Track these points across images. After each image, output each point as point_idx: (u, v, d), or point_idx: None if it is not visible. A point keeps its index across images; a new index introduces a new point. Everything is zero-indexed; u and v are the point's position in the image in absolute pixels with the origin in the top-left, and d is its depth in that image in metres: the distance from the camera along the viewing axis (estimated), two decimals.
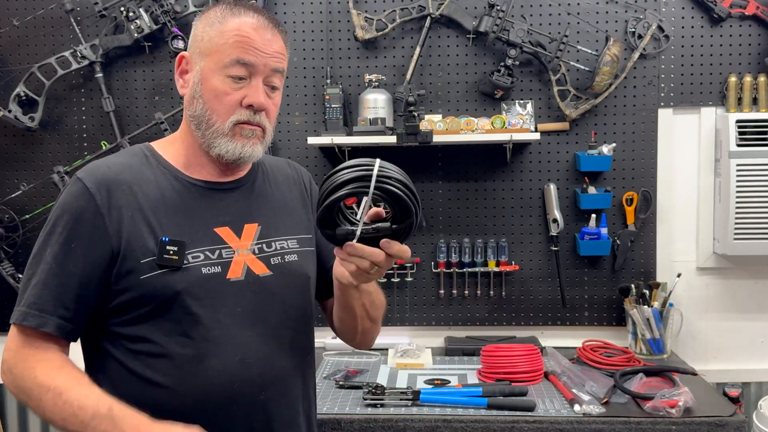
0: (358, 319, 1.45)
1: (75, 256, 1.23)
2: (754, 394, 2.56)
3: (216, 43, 1.30)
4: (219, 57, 1.29)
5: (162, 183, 1.31)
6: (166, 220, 1.27)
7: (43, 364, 1.21)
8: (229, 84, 1.29)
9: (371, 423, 1.85)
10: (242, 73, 1.29)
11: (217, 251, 1.30)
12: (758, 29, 2.48)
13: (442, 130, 2.40)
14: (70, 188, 1.28)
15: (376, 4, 2.54)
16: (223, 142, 1.30)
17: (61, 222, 1.25)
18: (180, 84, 1.35)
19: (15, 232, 2.56)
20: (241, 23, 1.30)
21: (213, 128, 1.30)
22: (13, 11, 2.56)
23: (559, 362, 2.17)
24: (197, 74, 1.31)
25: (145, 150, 1.36)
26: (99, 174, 1.27)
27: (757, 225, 2.38)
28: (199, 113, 1.31)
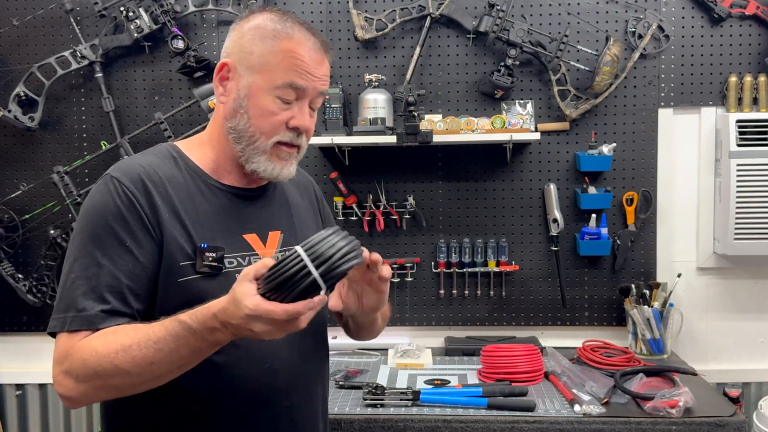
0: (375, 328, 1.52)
1: (131, 253, 1.19)
2: (754, 394, 2.56)
3: (268, 61, 1.27)
4: (271, 77, 1.27)
5: (191, 187, 1.29)
6: (199, 224, 1.26)
7: (96, 340, 1.14)
8: (278, 105, 1.28)
9: (371, 423, 1.85)
10: (292, 97, 1.28)
11: (247, 258, 1.31)
12: (758, 29, 2.48)
13: (442, 130, 2.39)
14: (106, 187, 1.23)
15: (376, 4, 2.54)
16: (262, 161, 1.30)
17: (106, 222, 1.20)
18: (220, 92, 1.31)
19: (15, 232, 2.56)
20: (296, 45, 1.28)
21: (254, 145, 1.29)
22: (13, 11, 2.56)
23: (559, 362, 2.17)
24: (244, 89, 1.28)
25: (172, 151, 1.33)
26: (135, 173, 1.24)
27: (757, 225, 2.38)
28: (242, 128, 1.29)
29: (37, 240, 2.60)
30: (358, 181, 2.58)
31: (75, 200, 2.50)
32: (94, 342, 1.14)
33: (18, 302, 2.56)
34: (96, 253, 1.18)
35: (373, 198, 2.56)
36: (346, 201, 2.54)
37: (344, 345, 2.37)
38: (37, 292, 2.54)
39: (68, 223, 2.52)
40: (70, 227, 2.50)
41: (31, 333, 2.65)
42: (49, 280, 2.54)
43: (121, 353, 1.11)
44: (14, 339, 2.66)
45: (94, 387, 1.14)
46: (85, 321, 1.15)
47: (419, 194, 2.58)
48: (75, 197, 2.49)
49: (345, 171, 2.54)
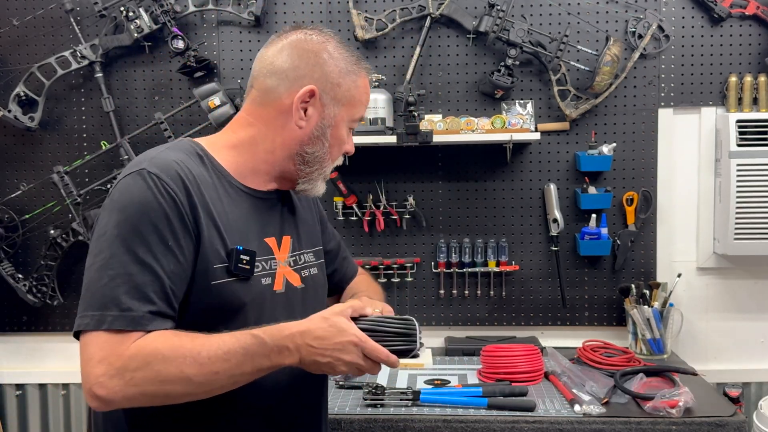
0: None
1: (172, 252, 1.16)
2: (754, 394, 2.56)
3: (353, 96, 1.35)
4: (353, 111, 1.36)
5: (219, 188, 1.28)
6: (230, 226, 1.25)
7: (160, 343, 1.11)
8: (347, 135, 1.39)
9: (371, 423, 1.85)
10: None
11: (268, 262, 1.32)
12: (758, 29, 2.48)
13: (442, 130, 2.39)
14: (144, 183, 1.18)
15: (376, 4, 2.54)
16: (318, 184, 1.38)
17: (147, 220, 1.15)
18: (299, 116, 1.31)
19: (15, 232, 2.56)
20: (366, 81, 1.39)
21: (323, 170, 1.37)
22: (13, 11, 2.56)
23: (559, 362, 2.17)
24: (330, 119, 1.34)
25: (198, 149, 1.31)
26: (173, 171, 1.20)
27: (757, 225, 2.38)
28: (319, 154, 1.34)
29: (37, 240, 2.60)
30: (358, 181, 2.58)
31: (75, 200, 2.50)
32: (159, 344, 1.10)
33: (18, 302, 2.56)
34: (139, 250, 1.14)
35: (373, 198, 2.56)
36: (346, 201, 2.54)
37: None
38: (37, 292, 2.54)
39: (68, 223, 2.52)
40: (70, 227, 2.50)
41: (31, 333, 2.65)
42: (49, 280, 2.54)
43: (190, 359, 1.10)
44: (14, 339, 2.66)
45: (146, 392, 1.11)
46: (132, 322, 1.11)
47: (419, 194, 2.58)
48: (75, 197, 2.49)
49: (345, 171, 2.54)
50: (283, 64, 1.31)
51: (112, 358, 1.09)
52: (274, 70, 1.31)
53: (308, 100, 1.31)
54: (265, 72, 1.33)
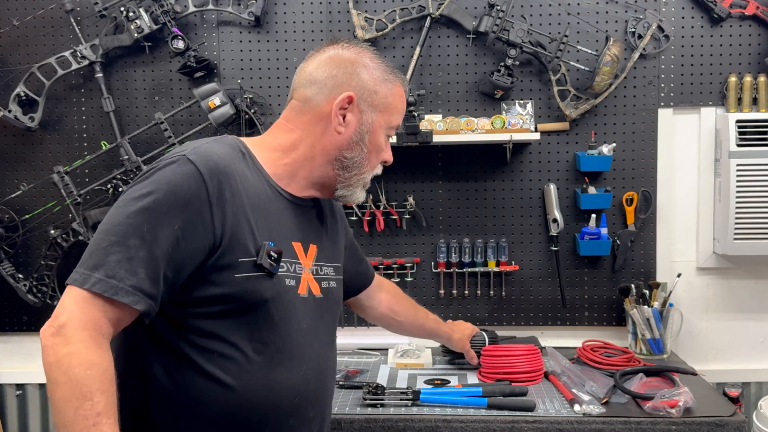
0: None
1: (177, 239, 1.17)
2: (754, 394, 2.56)
3: (390, 103, 1.41)
4: (389, 118, 1.41)
5: (258, 185, 1.31)
6: (262, 223, 1.28)
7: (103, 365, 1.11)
8: (385, 142, 1.43)
9: (371, 423, 1.85)
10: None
11: (294, 265, 1.34)
12: (758, 29, 2.48)
13: (442, 130, 2.40)
14: (180, 167, 1.21)
15: (376, 4, 2.54)
16: (357, 191, 1.43)
17: (166, 200, 1.18)
18: (338, 121, 1.37)
19: (15, 232, 2.56)
20: (402, 89, 1.44)
21: (362, 176, 1.41)
22: (13, 11, 2.56)
23: (559, 362, 2.17)
24: (368, 125, 1.39)
25: (241, 146, 1.34)
26: (212, 162, 1.23)
27: (757, 225, 2.38)
28: (357, 160, 1.39)
29: (37, 240, 2.60)
30: None
31: (75, 200, 2.50)
32: (98, 365, 1.10)
33: (18, 302, 2.56)
34: (144, 226, 1.16)
35: (373, 198, 2.56)
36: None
37: (344, 345, 2.36)
38: (37, 292, 2.54)
39: (68, 223, 2.52)
40: (70, 227, 2.50)
41: (31, 333, 2.65)
42: (49, 280, 2.54)
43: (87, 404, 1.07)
44: (14, 339, 2.66)
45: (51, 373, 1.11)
46: (111, 289, 1.13)
47: (419, 194, 2.58)
48: (75, 197, 2.49)
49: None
50: (322, 74, 1.38)
51: (74, 320, 1.12)
52: (313, 80, 1.38)
53: (347, 107, 1.37)
54: (304, 83, 1.39)
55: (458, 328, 2.18)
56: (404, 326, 2.01)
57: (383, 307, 1.93)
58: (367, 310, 1.93)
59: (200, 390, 1.23)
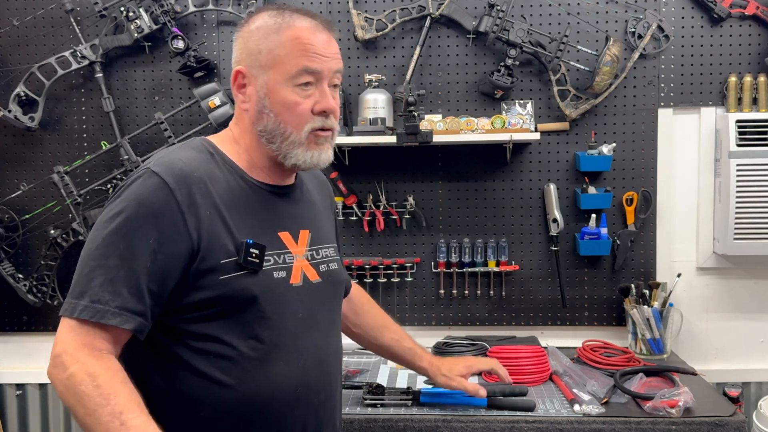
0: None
1: (154, 252, 1.18)
2: (754, 394, 2.56)
3: (278, 54, 1.29)
4: (284, 68, 1.29)
5: (231, 183, 1.30)
6: (240, 221, 1.27)
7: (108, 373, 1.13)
8: (299, 93, 1.29)
9: (371, 423, 1.85)
10: (310, 80, 1.29)
11: (282, 256, 1.32)
12: (758, 29, 2.48)
13: (442, 130, 2.40)
14: (145, 181, 1.21)
15: (376, 4, 2.54)
16: (300, 152, 1.31)
17: (137, 216, 1.19)
18: (240, 99, 1.34)
19: (15, 232, 2.56)
20: (299, 30, 1.30)
21: (289, 140, 1.30)
22: (13, 11, 2.56)
23: (561, 362, 2.17)
24: (263, 88, 1.30)
25: (208, 146, 1.34)
26: (176, 169, 1.23)
27: (757, 225, 2.38)
28: (271, 127, 1.31)
29: (37, 240, 2.60)
30: (358, 181, 2.58)
31: (75, 200, 2.50)
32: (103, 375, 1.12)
33: (18, 302, 2.56)
34: (120, 245, 1.17)
35: (373, 198, 2.56)
36: (346, 201, 2.54)
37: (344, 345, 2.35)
38: (37, 292, 2.54)
39: (68, 223, 2.52)
40: (70, 227, 2.50)
41: (31, 333, 2.65)
42: (49, 280, 2.54)
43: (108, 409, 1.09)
44: (14, 339, 2.66)
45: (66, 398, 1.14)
46: (97, 313, 1.14)
47: (419, 194, 2.58)
48: (75, 197, 2.49)
49: (345, 171, 2.54)
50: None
51: (68, 347, 1.14)
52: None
53: (243, 82, 1.33)
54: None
55: (449, 362, 1.82)
56: (363, 340, 1.82)
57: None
58: None
59: (200, 392, 1.24)
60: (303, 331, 1.32)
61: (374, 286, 2.58)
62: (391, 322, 1.82)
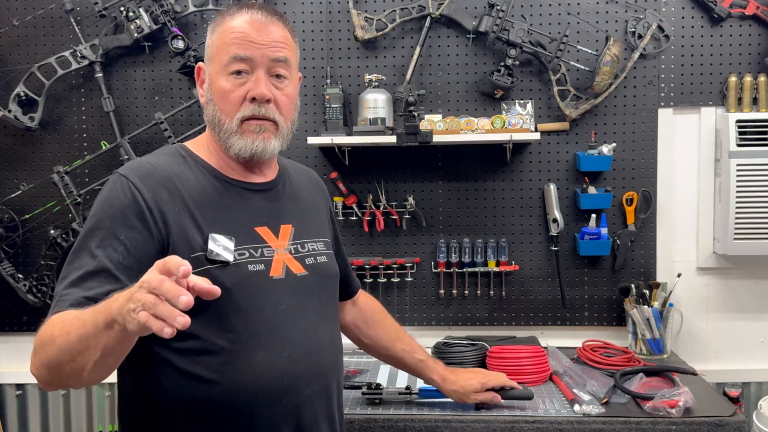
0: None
1: (127, 249, 1.21)
2: (754, 394, 2.56)
3: (217, 45, 1.35)
4: (219, 58, 1.34)
5: (202, 181, 1.33)
6: (210, 217, 1.29)
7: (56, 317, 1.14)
8: (232, 81, 1.32)
9: (371, 423, 1.85)
10: (241, 68, 1.32)
11: (259, 249, 1.33)
12: (758, 29, 2.48)
13: (442, 130, 2.39)
14: (112, 185, 1.28)
15: (376, 4, 2.54)
16: (235, 140, 1.33)
17: (107, 216, 1.23)
18: (200, 93, 1.40)
19: (15, 232, 2.56)
20: (232, 20, 1.34)
21: (224, 128, 1.34)
22: (13, 11, 2.56)
23: (561, 362, 2.17)
24: (208, 80, 1.37)
25: (181, 150, 1.39)
26: (143, 170, 1.29)
27: (757, 225, 2.38)
28: (211, 117, 1.36)
29: (37, 240, 2.60)
30: (358, 181, 2.58)
31: (75, 200, 2.50)
32: (54, 318, 1.14)
33: (18, 302, 2.56)
34: (91, 245, 1.21)
35: (373, 198, 2.56)
36: (346, 201, 2.54)
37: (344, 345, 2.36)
38: (37, 292, 2.54)
39: (68, 223, 2.52)
40: (70, 227, 2.50)
41: (31, 333, 2.64)
42: (49, 280, 2.54)
43: (59, 324, 1.11)
44: (14, 339, 2.66)
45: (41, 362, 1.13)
46: (65, 305, 1.16)
47: (419, 194, 2.58)
48: (75, 197, 2.49)
49: (345, 171, 2.54)
50: None
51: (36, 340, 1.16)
52: None
53: (202, 78, 1.39)
54: None
55: (462, 377, 1.84)
56: (373, 351, 1.82)
57: (348, 319, 1.77)
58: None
59: (187, 390, 1.25)
60: (286, 323, 1.33)
61: (374, 286, 2.58)
62: (404, 333, 1.82)
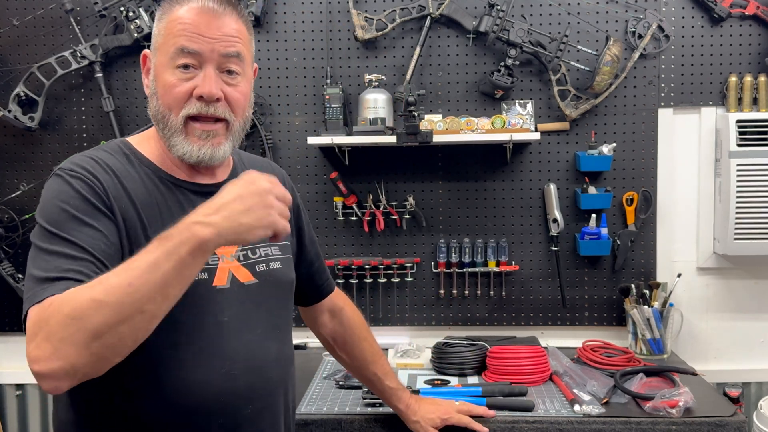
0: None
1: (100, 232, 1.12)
2: (754, 394, 2.56)
3: (162, 35, 1.23)
4: (165, 49, 1.22)
5: (146, 182, 1.24)
6: (154, 218, 1.20)
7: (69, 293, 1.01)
8: (179, 75, 1.21)
9: (371, 423, 1.85)
10: (188, 62, 1.21)
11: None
12: (758, 29, 2.48)
13: (442, 130, 2.39)
14: (57, 179, 1.17)
15: (376, 4, 2.54)
16: (179, 141, 1.23)
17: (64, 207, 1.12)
18: (145, 84, 1.29)
19: (15, 232, 2.56)
20: (181, 9, 1.22)
21: (168, 125, 1.23)
22: (13, 11, 2.56)
23: (561, 362, 2.17)
24: (153, 72, 1.25)
25: (124, 147, 1.28)
26: (88, 165, 1.19)
27: (757, 225, 2.38)
28: (154, 111, 1.25)
29: None
30: (358, 181, 2.58)
31: None
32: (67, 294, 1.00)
33: (18, 302, 2.56)
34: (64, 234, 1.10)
35: (373, 198, 2.56)
36: (346, 201, 2.54)
37: None
38: None
39: None
40: None
41: None
42: None
43: (97, 285, 0.98)
44: (14, 339, 2.66)
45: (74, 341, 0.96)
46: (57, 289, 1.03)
47: (419, 194, 2.58)
48: None
49: (345, 171, 2.54)
50: None
51: (38, 328, 0.99)
52: None
53: (148, 66, 1.27)
54: None
55: (425, 408, 1.74)
56: (346, 366, 1.75)
57: (326, 332, 1.69)
58: (310, 325, 1.71)
59: (122, 406, 1.18)
60: (228, 336, 1.24)
61: (374, 286, 2.58)
62: (380, 356, 1.72)
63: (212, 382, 1.22)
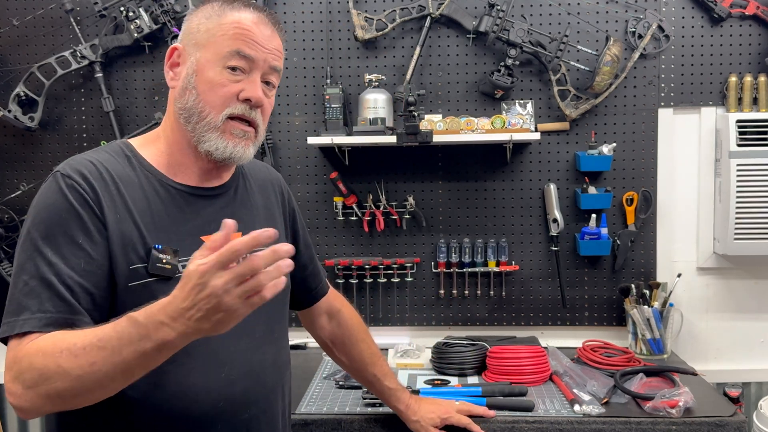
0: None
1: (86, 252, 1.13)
2: (754, 394, 2.56)
3: (214, 34, 1.26)
4: (217, 48, 1.25)
5: (146, 187, 1.24)
6: (154, 226, 1.21)
7: (44, 341, 1.06)
8: (227, 76, 1.25)
9: (371, 423, 1.85)
10: (241, 65, 1.25)
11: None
12: (758, 29, 2.48)
13: (442, 130, 2.39)
14: (55, 184, 1.18)
15: (376, 4, 2.54)
16: (214, 137, 1.25)
17: (57, 220, 1.14)
18: (170, 76, 1.31)
19: (15, 232, 2.56)
20: (241, 17, 1.27)
21: (205, 120, 1.25)
22: (13, 11, 2.56)
23: (561, 362, 2.17)
24: (191, 66, 1.27)
25: (126, 149, 1.29)
26: (85, 170, 1.19)
27: (757, 225, 2.38)
28: (190, 105, 1.26)
29: None
30: (358, 181, 2.58)
31: None
32: (42, 343, 1.05)
33: None
34: (47, 251, 1.12)
35: (373, 198, 2.56)
36: (346, 201, 2.54)
37: None
38: None
39: None
40: None
41: None
42: None
43: (66, 352, 1.02)
44: None
45: (39, 393, 1.04)
46: (37, 323, 1.08)
47: (419, 194, 2.58)
48: None
49: (345, 171, 2.54)
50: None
51: (13, 364, 1.07)
52: None
53: (177, 61, 1.30)
54: None
55: (425, 408, 1.74)
56: (345, 368, 1.76)
57: (325, 335, 1.70)
58: (308, 328, 1.72)
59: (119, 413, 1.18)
60: (225, 341, 1.22)
61: (374, 286, 2.58)
62: (379, 357, 1.72)
63: (211, 388, 1.22)
